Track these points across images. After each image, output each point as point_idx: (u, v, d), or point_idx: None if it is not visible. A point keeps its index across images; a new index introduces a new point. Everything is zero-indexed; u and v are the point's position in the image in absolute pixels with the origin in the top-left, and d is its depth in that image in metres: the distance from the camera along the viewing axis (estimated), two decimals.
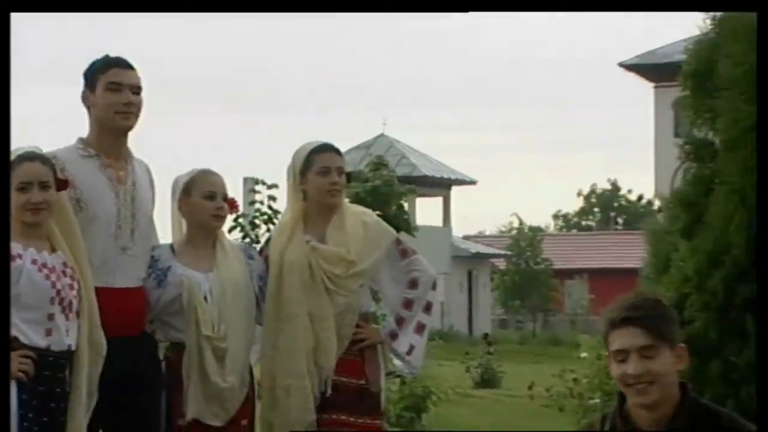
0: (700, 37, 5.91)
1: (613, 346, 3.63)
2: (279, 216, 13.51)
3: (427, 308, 5.46)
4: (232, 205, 5.30)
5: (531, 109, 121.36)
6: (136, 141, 5.12)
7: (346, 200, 5.53)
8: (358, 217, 5.39)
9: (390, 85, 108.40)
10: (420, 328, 5.42)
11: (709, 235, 5.47)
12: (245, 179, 14.57)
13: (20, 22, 4.74)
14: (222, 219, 5.22)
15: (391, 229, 5.53)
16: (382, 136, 43.70)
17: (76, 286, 4.56)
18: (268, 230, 11.26)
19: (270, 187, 12.12)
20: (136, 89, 4.93)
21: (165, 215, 5.28)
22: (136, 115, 4.95)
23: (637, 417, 3.64)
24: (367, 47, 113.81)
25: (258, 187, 11.91)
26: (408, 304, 5.40)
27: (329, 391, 5.18)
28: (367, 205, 5.55)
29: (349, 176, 5.54)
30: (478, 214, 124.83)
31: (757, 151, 3.07)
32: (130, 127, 4.96)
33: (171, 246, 5.21)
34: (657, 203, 36.28)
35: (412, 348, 5.40)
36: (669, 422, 3.60)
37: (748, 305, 5.26)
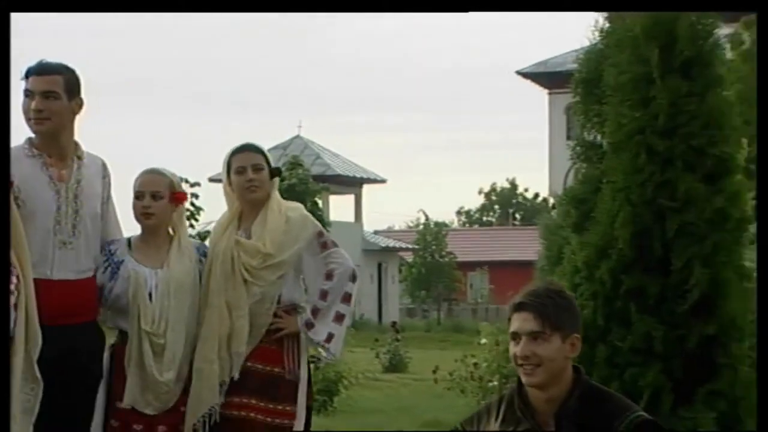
0: (590, 47, 5.96)
1: (510, 328, 3.68)
2: (201, 213, 13.49)
3: (346, 299, 5.41)
4: (177, 199, 5.25)
5: (437, 114, 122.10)
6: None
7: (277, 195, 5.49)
8: (283, 211, 5.35)
9: (307, 91, 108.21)
10: (339, 318, 5.38)
11: (597, 230, 5.51)
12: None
13: None
14: (150, 216, 5.16)
15: (314, 222, 5.46)
16: (297, 137, 43.77)
17: (14, 280, 4.47)
18: (191, 226, 11.21)
19: (192, 185, 12.07)
20: (49, 94, 4.81)
21: (127, 209, 5.24)
22: (52, 120, 4.83)
23: (532, 396, 3.67)
24: (286, 54, 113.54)
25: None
26: (323, 294, 5.35)
27: (236, 376, 5.15)
28: None
29: (279, 171, 5.48)
30: (387, 211, 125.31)
31: (757, 151, 3.06)
32: (44, 132, 4.85)
33: (129, 240, 5.17)
34: (551, 201, 36.60)
35: (331, 336, 5.35)
36: (562, 403, 3.63)
37: (632, 294, 5.32)
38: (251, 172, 5.27)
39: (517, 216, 76.32)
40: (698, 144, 5.40)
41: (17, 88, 5.01)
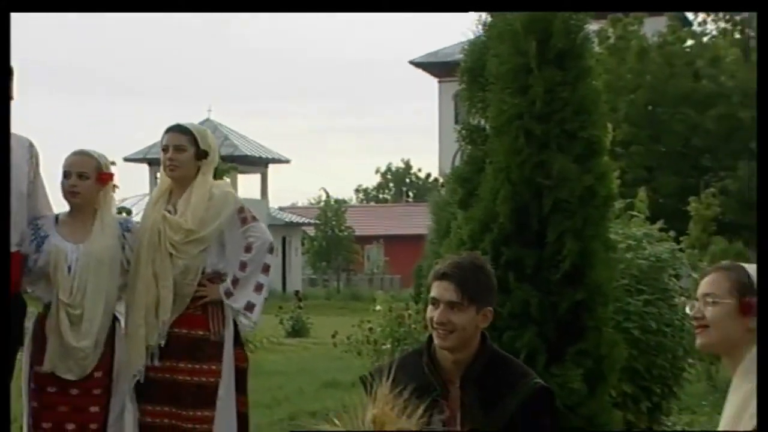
0: (474, 39, 6.00)
1: (431, 293, 3.72)
2: (115, 189, 13.42)
3: (265, 270, 5.45)
4: (102, 179, 5.21)
5: (338, 100, 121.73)
6: None
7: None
8: (208, 188, 5.34)
9: (219, 78, 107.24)
10: (258, 288, 5.41)
11: (480, 206, 5.55)
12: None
13: None
14: (75, 195, 5.13)
15: (236, 198, 5.49)
16: (207, 120, 43.41)
17: None
18: None
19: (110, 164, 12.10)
20: None
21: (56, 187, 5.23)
22: None
23: (441, 356, 3.71)
24: (201, 44, 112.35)
25: None
26: (243, 265, 5.38)
27: (162, 342, 5.17)
28: None
29: (206, 153, 5.44)
30: (291, 189, 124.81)
31: (757, 151, 3.07)
32: None
33: (56, 217, 5.17)
34: (440, 180, 36.85)
35: (251, 305, 5.37)
36: (468, 365, 3.68)
37: (511, 264, 5.38)
38: (172, 152, 5.27)
39: (410, 194, 76.57)
40: (570, 128, 5.48)
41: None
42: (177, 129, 5.36)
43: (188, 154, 5.31)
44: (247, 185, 44.33)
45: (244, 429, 5.49)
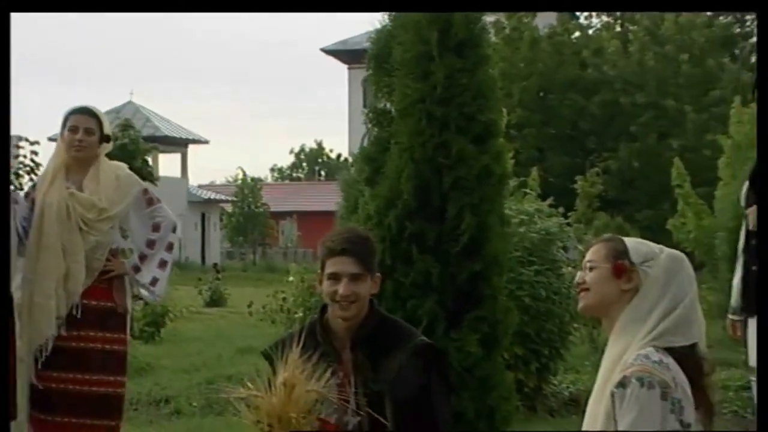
0: (381, 28, 5.96)
1: (329, 270, 3.66)
2: (41, 167, 13.19)
3: (169, 248, 5.44)
4: None
5: (254, 85, 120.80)
6: None
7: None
8: (112, 170, 5.33)
9: (140, 62, 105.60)
10: (162, 264, 5.40)
11: (386, 184, 5.55)
12: (11, 137, 14.15)
13: None
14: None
15: (140, 181, 5.50)
16: (129, 103, 42.93)
17: None
18: (32, 180, 10.96)
19: (33, 143, 12.03)
20: None
21: None
22: None
23: (334, 324, 3.70)
24: (124, 27, 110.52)
25: (22, 143, 11.93)
26: (150, 243, 5.38)
27: (74, 312, 5.11)
28: (116, 159, 5.48)
29: (109, 138, 5.44)
30: (210, 168, 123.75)
31: (757, 151, 3.01)
32: None
33: None
34: (350, 159, 36.80)
35: (155, 280, 5.36)
36: (358, 329, 3.67)
37: (414, 238, 5.39)
38: (82, 134, 5.21)
39: (322, 173, 76.46)
40: (469, 111, 5.49)
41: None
42: (87, 112, 5.31)
43: (95, 138, 5.29)
44: (167, 164, 44.10)
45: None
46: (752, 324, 4.76)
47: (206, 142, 47.30)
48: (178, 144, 44.77)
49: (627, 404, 2.88)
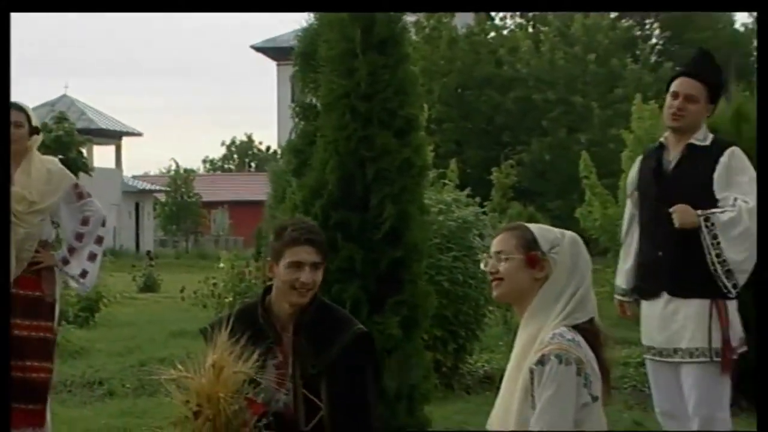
0: (307, 27, 5.93)
1: (291, 258, 3.64)
2: None
3: (99, 241, 5.37)
4: None
5: (187, 80, 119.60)
6: None
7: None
8: (44, 164, 5.23)
9: (75, 57, 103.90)
10: (92, 257, 5.33)
11: (312, 175, 5.53)
12: None
13: None
14: None
15: (71, 175, 5.40)
16: (64, 96, 42.25)
17: None
18: None
19: None
20: None
21: None
22: None
23: (278, 308, 3.67)
24: (61, 24, 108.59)
25: None
26: (79, 237, 5.30)
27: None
28: (52, 152, 5.41)
29: (38, 130, 5.36)
30: (144, 160, 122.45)
31: (757, 151, 2.95)
32: None
33: None
34: (278, 151, 36.71)
35: (85, 272, 5.30)
36: (301, 314, 3.66)
37: (339, 226, 5.37)
38: (13, 128, 5.09)
39: (252, 164, 76.06)
40: (391, 107, 5.47)
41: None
42: (14, 106, 5.16)
43: (24, 131, 5.19)
44: (102, 156, 43.65)
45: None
46: (645, 305, 4.83)
47: (140, 134, 46.85)
48: (113, 136, 44.32)
49: (546, 380, 2.91)
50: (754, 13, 41.85)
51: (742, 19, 42.49)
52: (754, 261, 4.53)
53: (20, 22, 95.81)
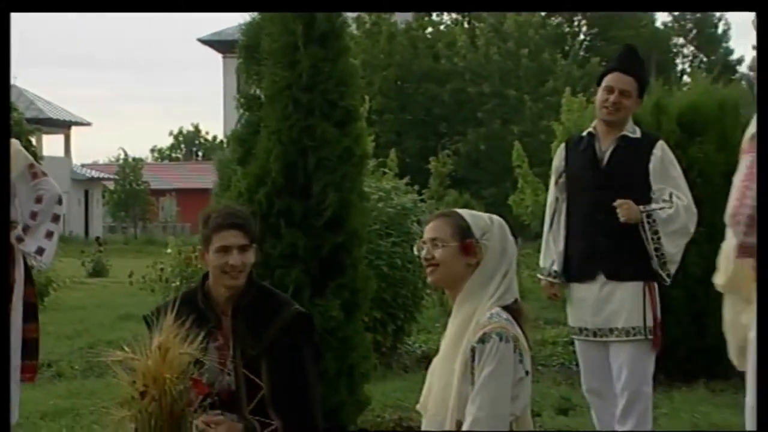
0: (251, 21, 5.89)
1: (218, 243, 3.60)
2: None
3: (55, 219, 5.26)
4: None
5: (135, 72, 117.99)
6: None
7: None
8: None
9: (25, 48, 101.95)
10: (49, 235, 5.22)
11: (256, 164, 5.49)
12: None
13: None
14: None
15: (26, 156, 5.28)
16: (13, 86, 41.46)
17: None
18: None
19: None
20: None
21: None
22: None
23: (216, 292, 3.65)
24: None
25: None
26: (33, 215, 5.18)
27: None
28: None
29: None
30: (94, 149, 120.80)
31: (757, 151, 2.94)
32: None
33: None
34: (224, 141, 36.43)
35: (41, 250, 5.18)
36: (239, 297, 3.64)
37: (282, 213, 5.35)
38: None
39: (199, 153, 75.35)
40: (332, 98, 5.45)
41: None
42: None
43: None
44: (51, 145, 43.02)
45: (34, 350, 5.31)
46: (577, 288, 4.88)
47: (89, 124, 46.27)
48: (62, 126, 43.73)
49: (487, 357, 2.94)
50: (675, 13, 42.52)
51: (662, 17, 43.07)
52: (682, 252, 4.70)
53: None
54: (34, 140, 22.41)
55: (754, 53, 3.22)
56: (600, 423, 4.84)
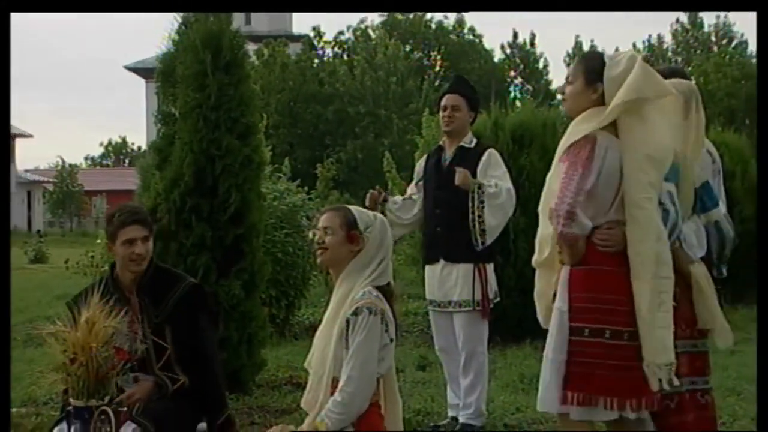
0: (166, 52, 5.75)
1: (123, 237, 3.46)
2: None
3: None
4: None
5: (73, 91, 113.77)
6: None
7: None
8: None
9: None
10: None
11: (171, 169, 5.39)
12: None
13: None
14: None
15: None
16: None
17: None
18: None
19: None
20: None
21: None
22: None
23: (123, 277, 3.52)
24: None
25: None
26: None
27: None
28: None
29: None
30: (36, 157, 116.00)
31: (757, 150, 2.84)
32: None
33: None
34: (146, 150, 35.54)
35: None
36: (141, 278, 3.52)
37: (193, 210, 5.25)
38: None
39: (126, 161, 73.29)
40: (235, 115, 5.39)
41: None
42: None
43: None
44: None
45: None
46: (428, 268, 4.91)
47: (30, 136, 44.35)
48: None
49: (359, 327, 2.92)
50: (507, 51, 43.66)
51: (498, 54, 44.12)
52: (501, 228, 4.71)
53: None
54: None
55: (563, 81, 3.34)
56: (449, 375, 4.90)
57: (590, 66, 3.14)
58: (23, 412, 5.11)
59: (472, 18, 71.63)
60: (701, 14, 40.69)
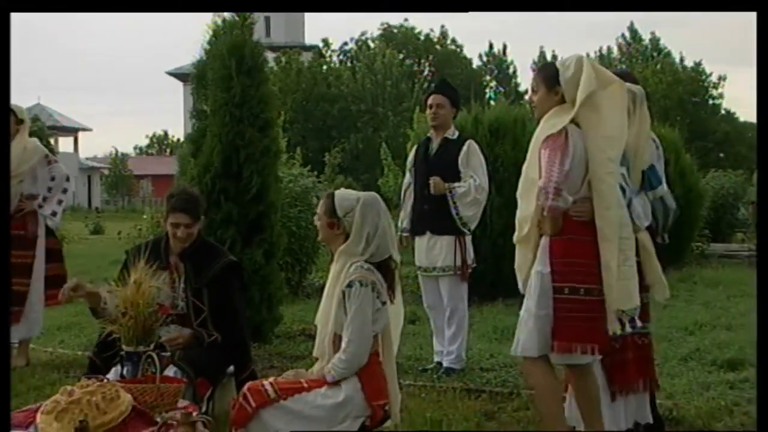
0: (200, 59, 5.71)
1: (171, 220, 3.44)
2: None
3: (64, 192, 5.06)
4: None
5: (127, 94, 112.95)
6: None
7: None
8: (23, 143, 4.91)
9: (44, 73, 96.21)
10: (59, 203, 5.04)
11: (204, 157, 5.35)
12: None
13: None
14: None
15: (43, 149, 5.02)
16: (38, 104, 39.32)
17: None
18: None
19: None
20: None
21: None
22: None
23: (173, 245, 3.47)
24: (28, 45, 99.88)
25: None
26: (49, 189, 5.01)
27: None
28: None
29: (22, 121, 5.02)
30: (95, 146, 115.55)
31: (757, 150, 2.78)
32: None
33: None
34: (183, 141, 35.39)
35: (55, 213, 5.00)
36: (186, 249, 3.45)
37: (221, 191, 5.23)
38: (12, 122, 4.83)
39: (168, 150, 73.02)
40: (256, 112, 5.33)
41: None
42: (13, 109, 4.90)
43: (12, 120, 4.85)
44: (65, 145, 41.32)
45: (59, 282, 5.05)
46: (417, 240, 4.88)
47: (90, 129, 44.51)
48: (72, 131, 42.10)
49: (353, 297, 2.88)
50: (484, 58, 43.47)
51: (477, 61, 43.96)
52: (478, 218, 4.74)
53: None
54: (52, 141, 21.41)
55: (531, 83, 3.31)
56: (435, 327, 4.90)
57: (548, 74, 3.13)
58: (84, 355, 5.12)
59: (453, 31, 71.19)
60: (640, 30, 41.49)
